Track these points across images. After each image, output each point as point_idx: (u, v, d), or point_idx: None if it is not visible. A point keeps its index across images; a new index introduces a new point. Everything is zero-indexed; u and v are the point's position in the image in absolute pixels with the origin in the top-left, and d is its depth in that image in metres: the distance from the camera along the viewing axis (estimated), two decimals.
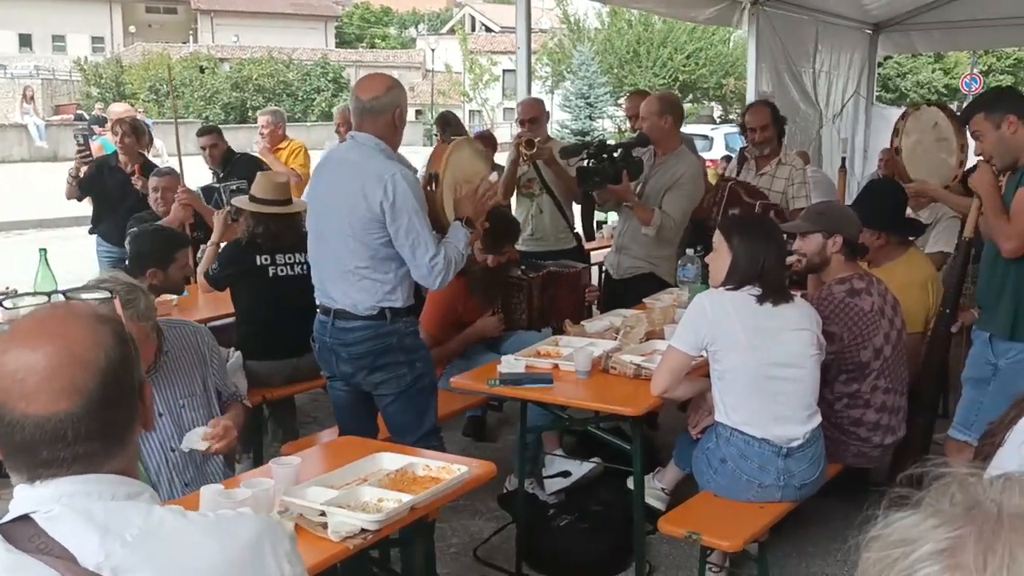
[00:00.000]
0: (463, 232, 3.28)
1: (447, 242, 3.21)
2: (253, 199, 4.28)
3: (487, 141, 7.29)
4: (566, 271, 4.68)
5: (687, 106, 31.46)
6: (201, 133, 6.27)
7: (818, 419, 3.16)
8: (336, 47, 49.78)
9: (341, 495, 2.31)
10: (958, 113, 4.44)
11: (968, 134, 3.58)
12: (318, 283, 3.36)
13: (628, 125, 5.53)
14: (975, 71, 26.41)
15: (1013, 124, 3.24)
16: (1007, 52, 29.52)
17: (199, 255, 4.91)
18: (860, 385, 3.45)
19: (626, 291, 4.89)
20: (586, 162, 4.69)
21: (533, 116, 5.35)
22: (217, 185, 5.90)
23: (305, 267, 4.13)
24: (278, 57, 38.78)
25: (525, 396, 3.43)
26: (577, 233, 5.64)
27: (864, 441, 3.48)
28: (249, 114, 29.44)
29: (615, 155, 4.58)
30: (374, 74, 3.37)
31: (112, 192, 5.65)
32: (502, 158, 6.07)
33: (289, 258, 4.23)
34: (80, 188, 5.78)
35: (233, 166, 6.09)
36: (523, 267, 4.43)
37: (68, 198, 5.97)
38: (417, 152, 7.80)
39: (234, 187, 5.59)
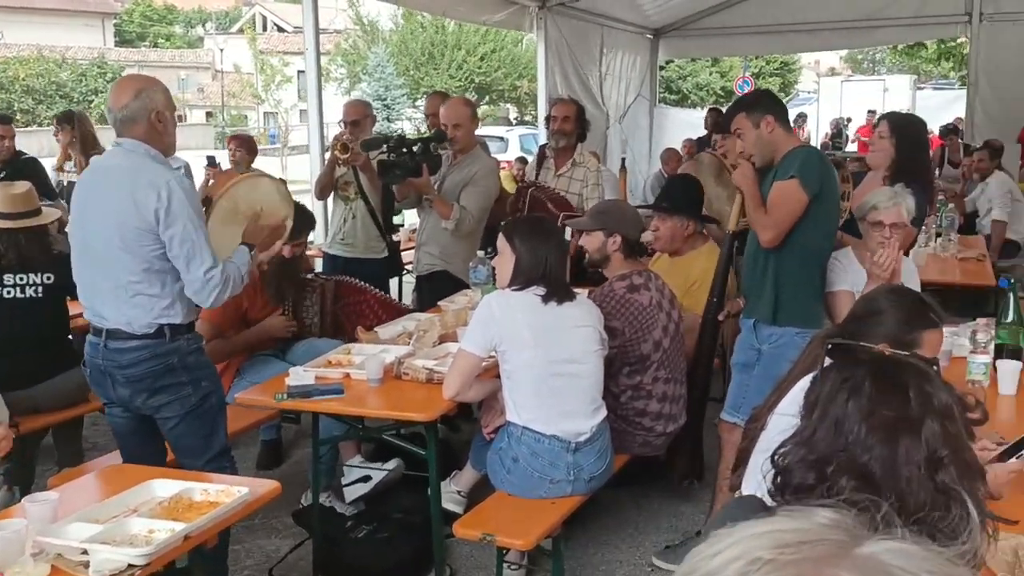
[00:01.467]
0: (248, 256, 3.15)
1: (229, 260, 3.06)
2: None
3: (246, 144, 7.07)
4: (361, 287, 4.61)
5: (483, 108, 31.92)
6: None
7: (603, 412, 3.26)
8: (116, 46, 46.87)
9: (106, 529, 2.13)
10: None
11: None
12: (86, 302, 3.10)
13: (426, 126, 5.53)
14: (747, 74, 28.36)
15: (770, 124, 3.44)
16: (775, 56, 31.89)
17: None
18: (642, 377, 3.60)
19: (423, 290, 4.99)
20: (387, 156, 4.72)
21: (355, 119, 5.25)
22: None
23: (40, 289, 3.86)
24: (49, 56, 36.05)
25: (315, 408, 3.33)
26: (392, 242, 5.53)
27: (648, 431, 3.63)
28: (18, 117, 27.20)
29: (414, 149, 4.66)
30: (124, 79, 3.20)
31: None
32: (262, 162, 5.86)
33: (21, 279, 3.88)
34: None
35: (16, 167, 5.57)
36: (316, 272, 4.32)
37: None
38: (202, 154, 7.45)
39: None
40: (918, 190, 3.78)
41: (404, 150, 4.66)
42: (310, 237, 4.79)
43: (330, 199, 5.49)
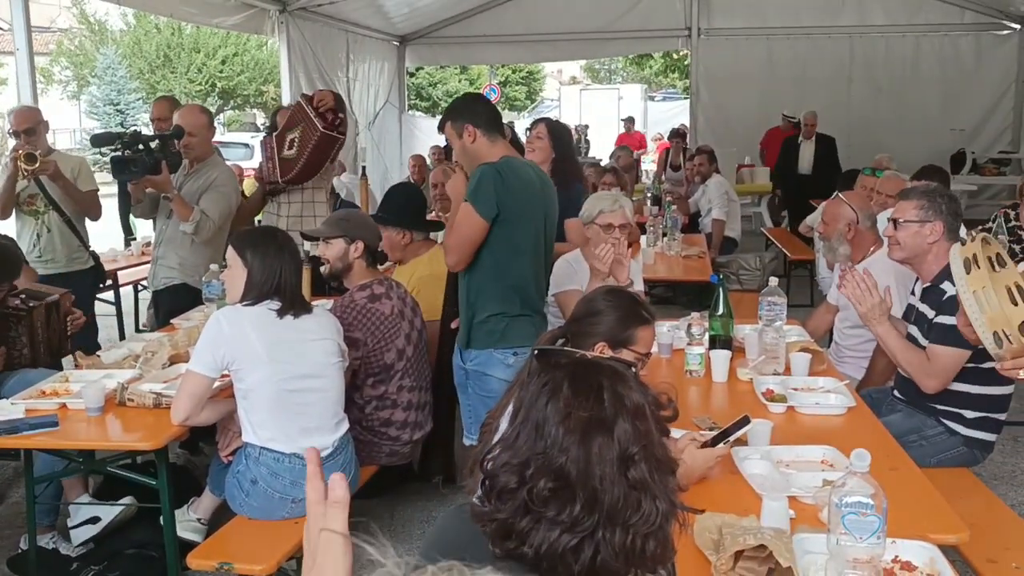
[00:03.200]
0: None
1: None
2: None
3: None
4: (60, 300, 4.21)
5: (228, 113, 30.66)
6: None
7: (346, 425, 3.19)
8: None
9: None
10: None
11: None
12: None
13: (153, 131, 5.21)
14: (494, 82, 29.15)
15: (472, 134, 3.29)
16: (521, 66, 33.00)
17: None
18: (387, 387, 3.57)
19: (159, 305, 4.76)
20: (120, 152, 4.43)
21: (29, 127, 4.79)
22: None
23: None
24: None
25: (25, 445, 3.02)
26: (94, 252, 5.19)
27: (395, 440, 3.60)
28: None
29: (152, 146, 4.44)
30: None
31: None
32: None
33: None
34: None
35: None
36: (23, 295, 3.90)
37: None
38: None
39: None
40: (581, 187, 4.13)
41: (140, 146, 4.42)
42: None
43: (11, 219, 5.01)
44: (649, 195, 7.82)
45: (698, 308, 3.80)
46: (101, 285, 5.68)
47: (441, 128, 3.40)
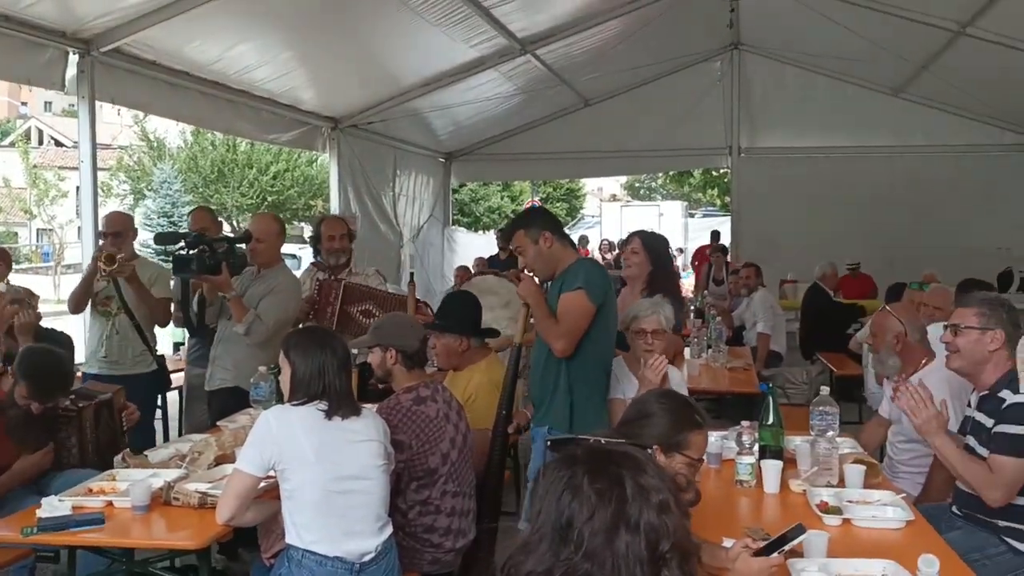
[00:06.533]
0: None
1: None
2: None
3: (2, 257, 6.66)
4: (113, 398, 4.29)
5: None
6: None
7: (389, 529, 3.15)
8: None
9: None
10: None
11: None
12: None
13: None
14: (535, 199, 29.72)
15: (548, 239, 3.64)
16: (561, 182, 33.64)
17: None
18: (431, 491, 3.52)
19: (212, 407, 4.88)
20: (184, 251, 4.69)
21: (117, 230, 5.08)
22: None
23: None
24: None
25: (71, 542, 3.02)
26: (160, 356, 5.34)
27: (437, 547, 3.53)
28: None
29: (215, 246, 4.67)
30: None
31: None
32: (34, 280, 5.54)
33: None
34: None
35: None
36: (73, 395, 3.96)
37: None
38: None
39: None
40: (673, 299, 4.13)
41: (203, 247, 4.65)
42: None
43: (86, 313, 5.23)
44: (692, 308, 7.82)
45: (741, 421, 3.75)
46: (163, 390, 5.75)
47: (508, 238, 3.64)
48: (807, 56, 11.35)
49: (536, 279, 3.83)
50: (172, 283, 5.28)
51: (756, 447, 3.39)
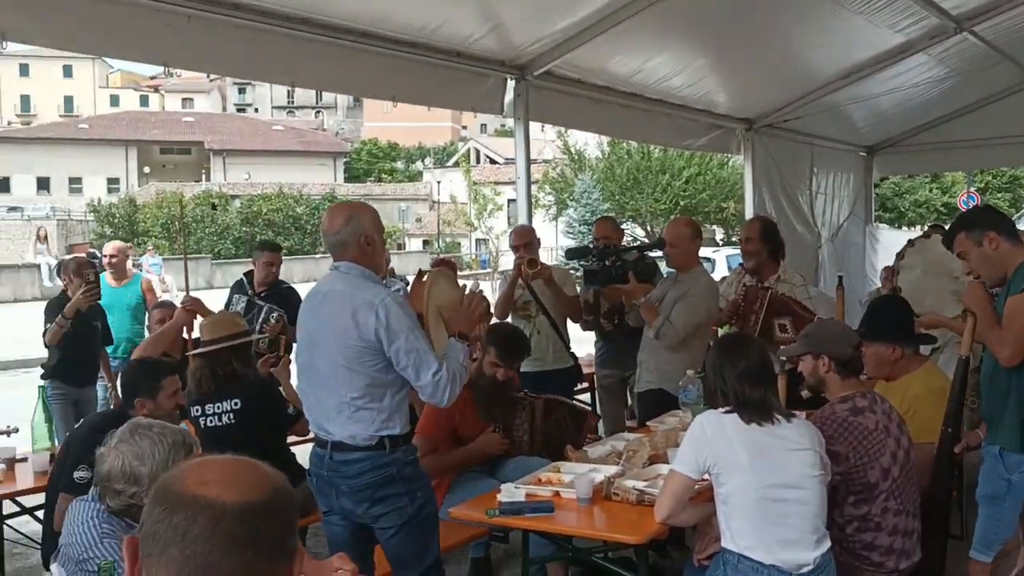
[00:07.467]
0: (459, 346, 3.27)
1: (447, 356, 3.19)
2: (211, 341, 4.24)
3: (449, 266, 7.50)
4: (575, 405, 4.72)
5: None
6: (265, 248, 6.19)
7: (827, 543, 3.04)
8: (344, 182, 51.09)
9: None
10: None
11: None
12: (312, 417, 3.31)
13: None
14: (972, 189, 26.82)
15: (994, 240, 3.31)
16: (1003, 170, 30.06)
17: None
18: (870, 507, 3.35)
19: (639, 407, 5.16)
20: (592, 264, 5.14)
21: (527, 241, 5.69)
22: (260, 303, 5.83)
23: (233, 416, 4.10)
24: (288, 192, 39.74)
25: (526, 526, 3.34)
26: (573, 353, 5.82)
27: (878, 567, 3.34)
28: None
29: (623, 256, 5.05)
30: (335, 207, 3.44)
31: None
32: None
33: (217, 407, 4.14)
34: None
35: (277, 293, 5.96)
36: (524, 389, 4.41)
37: (52, 344, 5.73)
38: None
39: (276, 315, 5.66)
40: None
41: (610, 258, 5.01)
42: None
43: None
44: None
45: None
46: (578, 384, 6.29)
47: (949, 243, 3.37)
48: None
49: (983, 284, 3.49)
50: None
51: None
